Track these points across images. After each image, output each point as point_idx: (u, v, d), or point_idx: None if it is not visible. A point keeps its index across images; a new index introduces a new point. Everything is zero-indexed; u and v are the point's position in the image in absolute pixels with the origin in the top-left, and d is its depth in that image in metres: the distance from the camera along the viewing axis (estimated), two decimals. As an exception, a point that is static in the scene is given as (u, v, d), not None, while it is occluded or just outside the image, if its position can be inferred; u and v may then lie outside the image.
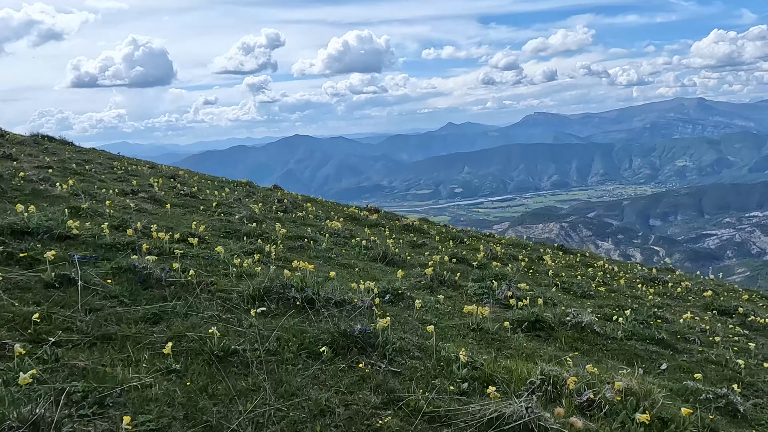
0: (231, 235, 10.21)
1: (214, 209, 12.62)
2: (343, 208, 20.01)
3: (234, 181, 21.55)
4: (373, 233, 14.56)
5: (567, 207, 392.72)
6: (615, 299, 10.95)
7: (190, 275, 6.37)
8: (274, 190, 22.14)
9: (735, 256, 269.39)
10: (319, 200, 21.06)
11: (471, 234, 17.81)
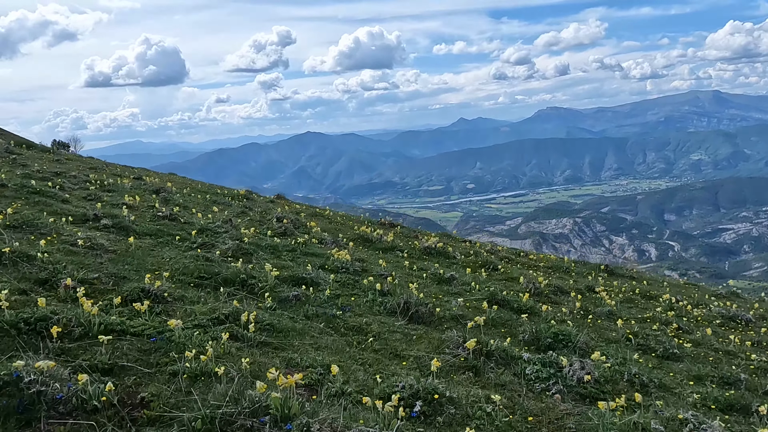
0: (206, 281, 7.81)
1: (194, 238, 10.20)
2: (354, 224, 17.41)
3: (232, 191, 19.19)
4: (389, 261, 12.02)
5: (580, 202, 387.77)
6: (709, 361, 8.33)
7: (107, 389, 4.04)
8: (276, 203, 19.81)
9: (752, 251, 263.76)
10: (326, 214, 18.66)
11: (502, 255, 15.11)
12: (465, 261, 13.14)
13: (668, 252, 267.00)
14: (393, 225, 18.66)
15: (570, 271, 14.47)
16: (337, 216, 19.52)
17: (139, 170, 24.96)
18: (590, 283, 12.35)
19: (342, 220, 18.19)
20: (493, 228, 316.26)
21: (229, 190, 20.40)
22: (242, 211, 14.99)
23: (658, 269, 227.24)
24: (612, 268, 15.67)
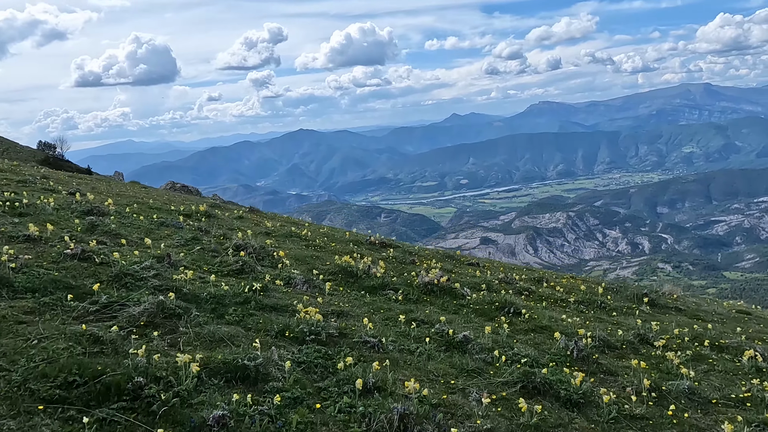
0: (73, 392, 4.74)
1: (97, 295, 7.07)
2: (336, 245, 13.89)
3: (191, 207, 15.49)
4: (378, 309, 8.93)
5: (573, 196, 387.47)
6: None
7: None
8: (246, 219, 16.43)
9: (744, 242, 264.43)
10: (303, 234, 14.66)
11: (520, 287, 11.86)
12: (476, 301, 10.05)
13: (661, 244, 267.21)
14: (385, 245, 15.51)
15: (606, 306, 11.44)
16: (318, 234, 15.83)
17: (87, 178, 21.52)
18: (641, 331, 9.37)
19: (322, 241, 14.37)
20: (487, 223, 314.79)
21: (188, 206, 16.32)
22: (194, 237, 11.55)
23: (652, 262, 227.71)
24: (653, 297, 12.68)
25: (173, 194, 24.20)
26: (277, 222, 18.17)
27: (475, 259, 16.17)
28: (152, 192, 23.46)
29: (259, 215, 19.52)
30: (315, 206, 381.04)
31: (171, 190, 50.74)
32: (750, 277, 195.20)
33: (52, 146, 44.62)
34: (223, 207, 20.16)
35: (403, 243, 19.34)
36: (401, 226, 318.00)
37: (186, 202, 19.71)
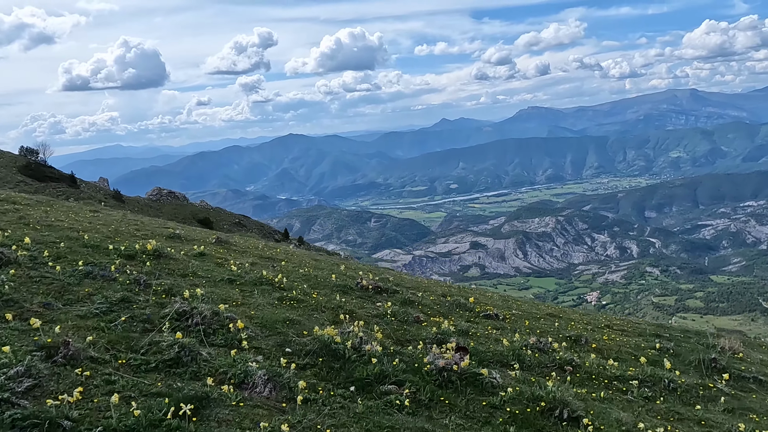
0: None
1: None
2: (319, 298, 10.56)
3: (134, 247, 11.80)
4: (375, 429, 5.84)
5: (562, 200, 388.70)
6: None
7: None
8: (210, 258, 12.82)
9: (730, 246, 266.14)
10: (277, 279, 11.14)
11: (562, 358, 8.68)
12: (513, 398, 6.96)
13: (649, 249, 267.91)
14: (380, 290, 12.03)
15: (676, 387, 8.52)
16: (297, 276, 12.65)
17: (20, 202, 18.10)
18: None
19: (302, 288, 11.08)
20: (477, 228, 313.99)
21: (135, 242, 12.51)
22: (124, 298, 8.16)
23: (640, 266, 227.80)
24: (724, 364, 9.91)
25: (131, 219, 20.08)
26: (248, 258, 14.52)
27: (491, 307, 12.68)
28: (102, 218, 18.87)
29: (226, 249, 15.50)
30: (305, 211, 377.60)
31: (157, 196, 47.51)
32: (737, 281, 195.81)
33: (34, 152, 42.46)
34: (184, 238, 16.16)
35: (400, 282, 15.11)
36: (391, 231, 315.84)
37: (139, 232, 15.98)
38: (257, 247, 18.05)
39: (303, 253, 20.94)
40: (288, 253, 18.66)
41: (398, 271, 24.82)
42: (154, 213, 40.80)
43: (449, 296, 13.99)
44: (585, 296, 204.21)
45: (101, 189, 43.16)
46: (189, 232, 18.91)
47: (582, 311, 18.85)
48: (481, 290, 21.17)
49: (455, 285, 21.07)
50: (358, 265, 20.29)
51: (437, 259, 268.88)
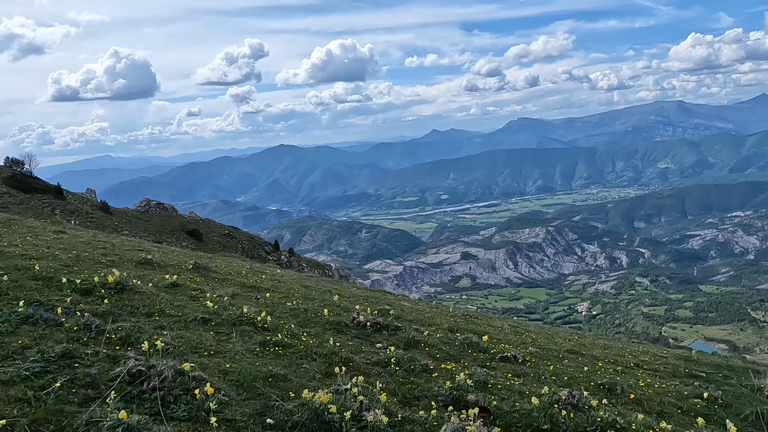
0: None
1: None
2: (310, 338, 9.24)
3: (91, 280, 10.03)
4: None
5: (552, 211, 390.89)
6: None
7: None
8: (181, 287, 11.40)
9: (719, 256, 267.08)
10: (260, 318, 9.45)
11: (604, 420, 7.30)
12: None
13: (639, 259, 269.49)
14: (379, 327, 10.52)
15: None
16: (284, 311, 10.96)
17: None
18: None
19: (289, 329, 9.40)
20: (468, 238, 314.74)
21: (89, 275, 10.60)
22: (66, 352, 6.66)
23: (630, 276, 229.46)
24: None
25: (101, 240, 17.57)
26: (228, 288, 12.59)
27: (506, 345, 11.35)
28: (66, 240, 16.27)
29: (205, 277, 13.66)
30: (295, 222, 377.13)
31: (146, 207, 47.94)
32: (725, 291, 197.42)
33: (20, 162, 41.79)
34: (156, 264, 14.08)
35: (401, 313, 13.40)
36: (382, 242, 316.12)
37: (106, 257, 13.79)
38: (240, 273, 15.98)
39: (291, 277, 18.07)
40: (275, 278, 16.45)
41: (396, 295, 20.77)
42: (142, 225, 41.04)
43: (458, 332, 12.31)
44: (575, 306, 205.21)
45: (88, 200, 43.06)
46: (164, 256, 16.79)
47: (603, 343, 17.67)
48: (487, 318, 18.92)
49: (460, 311, 18.38)
50: (352, 291, 17.44)
51: (428, 269, 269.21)
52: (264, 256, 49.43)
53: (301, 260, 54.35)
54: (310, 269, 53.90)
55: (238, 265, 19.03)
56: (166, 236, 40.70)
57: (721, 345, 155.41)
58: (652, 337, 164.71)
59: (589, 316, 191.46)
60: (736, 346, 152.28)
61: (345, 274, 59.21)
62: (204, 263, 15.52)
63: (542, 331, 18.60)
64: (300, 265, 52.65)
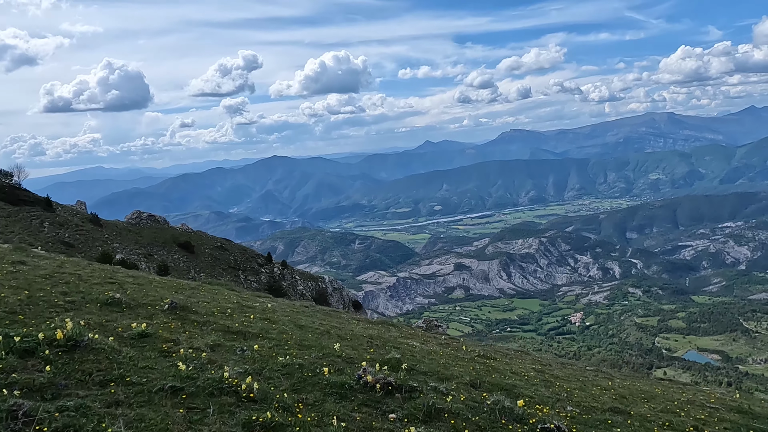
0: None
1: None
2: (308, 408, 7.53)
3: (39, 332, 7.92)
4: None
5: (545, 222, 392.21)
6: None
7: None
8: (150, 338, 9.20)
9: (710, 267, 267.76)
10: (245, 385, 7.51)
11: None
12: None
13: (631, 269, 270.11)
14: (390, 389, 8.65)
15: None
16: (275, 366, 8.95)
17: None
18: None
19: (278, 401, 7.45)
20: (461, 249, 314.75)
21: (36, 326, 8.78)
22: None
23: (623, 287, 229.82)
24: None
25: (67, 271, 14.90)
26: (208, 336, 10.25)
27: (546, 409, 9.51)
28: (24, 273, 13.60)
29: (182, 320, 11.24)
30: (288, 233, 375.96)
31: (137, 219, 47.49)
32: (717, 301, 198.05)
33: (8, 174, 40.60)
34: (126, 304, 11.67)
35: (412, 358, 11.79)
36: (375, 253, 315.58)
37: (66, 297, 11.50)
38: (225, 311, 13.35)
39: (284, 312, 15.45)
40: (265, 315, 13.88)
41: (400, 328, 18.57)
42: (133, 237, 40.58)
43: (482, 388, 10.49)
44: (569, 317, 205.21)
45: (78, 212, 42.49)
46: (137, 291, 13.94)
47: (642, 389, 15.34)
48: (504, 356, 16.97)
49: (475, 351, 16.14)
50: (353, 329, 15.17)
51: (422, 280, 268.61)
52: (257, 268, 49.06)
53: (294, 272, 54.00)
54: (303, 281, 53.55)
55: (225, 298, 16.41)
56: (158, 249, 40.29)
57: (714, 355, 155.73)
58: (645, 348, 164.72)
59: (583, 327, 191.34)
60: (729, 356, 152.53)
61: (338, 286, 58.85)
62: (182, 302, 12.91)
63: (570, 374, 16.39)
64: (293, 277, 52.30)
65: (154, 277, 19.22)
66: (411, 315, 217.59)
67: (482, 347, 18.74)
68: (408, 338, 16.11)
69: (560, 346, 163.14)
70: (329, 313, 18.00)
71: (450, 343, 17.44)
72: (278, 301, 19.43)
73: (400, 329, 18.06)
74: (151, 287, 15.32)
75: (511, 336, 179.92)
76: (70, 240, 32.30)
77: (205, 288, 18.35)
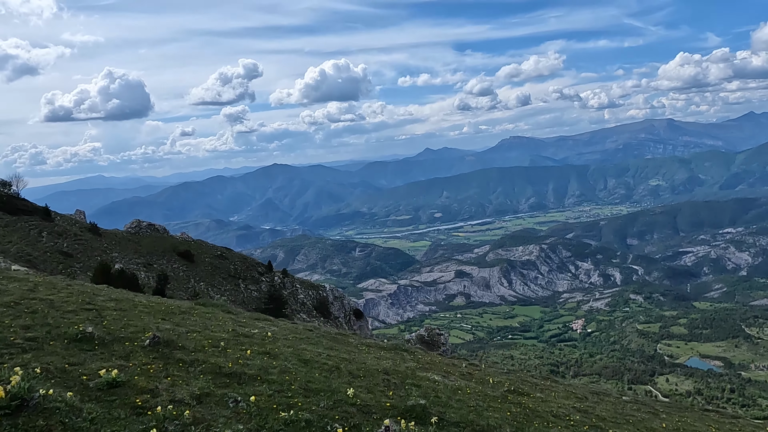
0: None
1: None
2: None
3: None
4: None
5: (546, 228, 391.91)
6: None
7: None
8: (122, 388, 7.18)
9: (711, 273, 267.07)
10: None
11: None
12: None
13: (632, 276, 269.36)
14: None
15: None
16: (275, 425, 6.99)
17: None
18: None
19: None
20: (462, 256, 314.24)
21: None
22: None
23: (624, 293, 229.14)
24: None
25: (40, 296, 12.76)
26: (195, 381, 8.36)
27: None
28: None
29: (165, 360, 9.16)
30: (289, 241, 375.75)
31: (136, 228, 47.36)
32: (719, 307, 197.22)
33: (7, 184, 40.26)
34: (98, 341, 9.55)
35: (443, 414, 9.25)
36: (376, 260, 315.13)
37: (27, 333, 9.47)
38: (218, 344, 11.08)
39: (286, 343, 13.09)
40: (264, 348, 11.62)
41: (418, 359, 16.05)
42: (132, 246, 40.41)
43: None
44: (570, 324, 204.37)
45: (77, 222, 42.30)
46: (116, 320, 11.67)
47: None
48: (533, 387, 15.62)
49: (505, 384, 14.51)
50: (365, 361, 13.07)
51: (422, 288, 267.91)
52: (257, 277, 48.90)
53: (294, 281, 53.79)
54: (304, 289, 53.35)
55: (219, 325, 14.09)
56: (157, 258, 40.13)
57: (717, 362, 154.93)
58: (647, 355, 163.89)
59: (584, 334, 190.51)
60: (732, 362, 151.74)
61: (339, 294, 58.62)
62: (167, 335, 10.70)
63: (614, 411, 14.98)
64: (294, 286, 52.10)
65: (141, 299, 16.20)
66: (412, 322, 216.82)
67: (508, 378, 16.26)
68: (427, 370, 14.03)
69: (562, 353, 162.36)
70: (336, 338, 15.77)
71: (473, 373, 15.12)
72: (279, 324, 17.14)
73: (415, 356, 15.69)
74: (134, 313, 13.20)
75: (512, 343, 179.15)
76: (68, 250, 32.15)
77: (198, 311, 15.99)
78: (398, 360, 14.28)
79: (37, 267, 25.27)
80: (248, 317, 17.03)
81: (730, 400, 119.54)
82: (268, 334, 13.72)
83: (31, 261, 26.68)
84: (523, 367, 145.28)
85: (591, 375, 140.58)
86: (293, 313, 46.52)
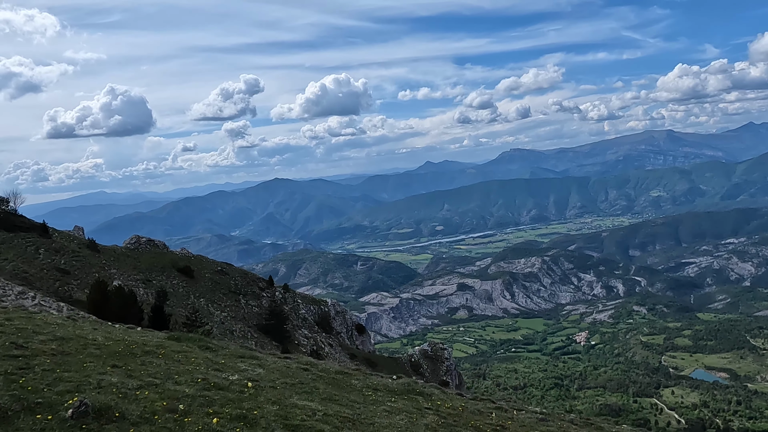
0: None
1: None
2: None
3: None
4: None
5: (547, 241, 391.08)
6: None
7: None
8: None
9: (714, 283, 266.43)
10: None
11: None
12: None
13: (635, 287, 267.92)
14: None
15: None
16: None
17: None
18: None
19: None
20: (464, 269, 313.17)
21: None
22: None
23: (627, 305, 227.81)
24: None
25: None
26: None
27: None
28: None
29: None
30: (290, 255, 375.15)
31: (135, 244, 47.08)
32: (723, 318, 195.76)
33: (4, 200, 40.05)
34: (3, 415, 6.66)
35: None
36: (378, 274, 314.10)
37: None
38: (176, 406, 7.95)
39: (271, 395, 9.87)
40: (240, 409, 8.48)
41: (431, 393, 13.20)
42: (131, 263, 40.14)
43: None
44: (574, 336, 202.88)
45: (75, 238, 42.08)
46: (46, 373, 8.61)
47: None
48: None
49: None
50: (374, 417, 10.20)
51: (425, 301, 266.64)
52: (258, 292, 48.51)
53: (296, 296, 53.38)
54: (305, 304, 52.92)
55: (188, 370, 10.60)
56: (157, 274, 39.83)
57: (722, 374, 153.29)
58: (652, 367, 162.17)
59: (588, 346, 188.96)
60: (737, 374, 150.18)
61: (341, 309, 58.16)
62: (103, 399, 7.62)
63: None
64: (295, 301, 51.67)
65: (98, 336, 12.66)
66: (414, 336, 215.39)
67: (547, 427, 12.93)
68: (450, 425, 10.79)
69: (566, 366, 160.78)
70: (336, 381, 12.89)
71: (506, 426, 11.81)
72: (267, 364, 13.23)
73: (433, 402, 12.53)
74: (78, 359, 9.92)
75: (516, 356, 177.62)
76: (65, 266, 31.87)
77: (168, 350, 12.26)
78: (414, 413, 11.18)
79: (32, 284, 25.02)
80: (230, 354, 13.47)
81: (737, 413, 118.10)
82: (248, 384, 10.23)
83: (27, 278, 26.37)
84: (552, 409, 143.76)
85: (596, 388, 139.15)
86: (294, 329, 46.04)
